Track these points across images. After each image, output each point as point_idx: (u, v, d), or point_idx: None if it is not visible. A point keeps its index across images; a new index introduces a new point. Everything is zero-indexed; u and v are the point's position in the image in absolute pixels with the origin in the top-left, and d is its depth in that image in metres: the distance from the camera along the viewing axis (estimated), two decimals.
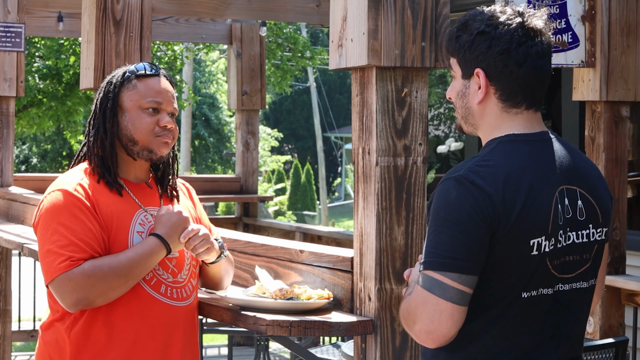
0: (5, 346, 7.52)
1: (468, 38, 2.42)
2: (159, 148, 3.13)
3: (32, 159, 29.75)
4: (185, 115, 23.98)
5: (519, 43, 2.39)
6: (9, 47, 7.36)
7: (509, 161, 2.36)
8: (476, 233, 2.28)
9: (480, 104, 2.44)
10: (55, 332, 3.04)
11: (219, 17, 9.58)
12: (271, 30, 13.60)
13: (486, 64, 2.40)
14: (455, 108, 2.52)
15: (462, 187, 2.30)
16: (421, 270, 2.32)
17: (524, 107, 2.43)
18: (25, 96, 14.14)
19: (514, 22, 2.40)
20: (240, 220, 10.10)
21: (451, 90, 2.52)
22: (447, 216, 2.30)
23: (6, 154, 7.55)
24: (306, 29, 28.36)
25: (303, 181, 33.73)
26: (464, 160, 2.40)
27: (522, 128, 2.43)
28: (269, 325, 3.07)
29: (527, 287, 2.35)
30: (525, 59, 2.39)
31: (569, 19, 5.19)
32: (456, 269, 2.27)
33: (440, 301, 2.27)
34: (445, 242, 2.29)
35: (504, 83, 2.41)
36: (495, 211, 2.29)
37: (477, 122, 2.47)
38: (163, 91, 3.15)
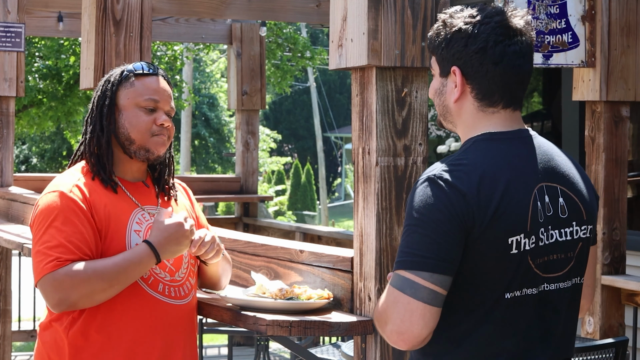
0: (5, 346, 7.52)
1: (446, 36, 2.41)
2: (155, 147, 3.12)
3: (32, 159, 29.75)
4: (185, 115, 23.97)
5: (496, 42, 2.36)
6: (9, 47, 7.36)
7: (483, 160, 2.34)
8: (449, 232, 2.26)
9: (456, 102, 2.43)
10: (54, 332, 3.04)
11: (219, 17, 9.58)
12: (271, 30, 13.60)
13: (462, 62, 2.38)
14: (435, 106, 2.50)
15: (434, 186, 2.29)
16: (394, 271, 2.30)
17: (500, 106, 2.41)
18: (25, 96, 14.14)
19: (492, 21, 2.38)
20: (240, 220, 10.10)
21: (430, 87, 2.52)
22: (420, 216, 2.28)
23: (6, 154, 7.55)
24: (306, 29, 28.35)
25: (303, 181, 33.73)
26: (442, 159, 2.39)
27: (498, 127, 2.41)
28: (269, 325, 3.07)
29: (511, 287, 2.32)
30: (501, 57, 2.36)
31: (569, 19, 5.19)
32: (428, 268, 2.25)
33: (412, 300, 2.24)
34: (418, 241, 2.27)
35: (479, 82, 2.39)
36: (470, 210, 2.27)
37: (455, 120, 2.46)
38: (160, 90, 3.16)
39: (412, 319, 2.25)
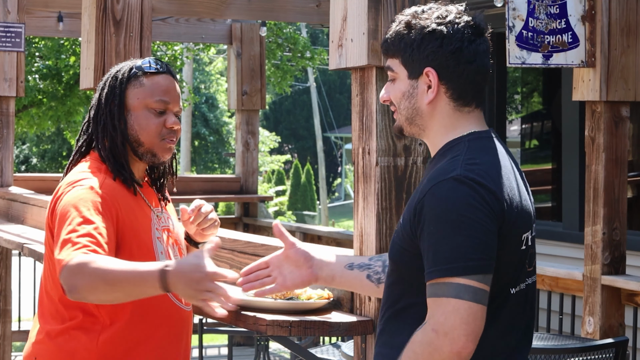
0: (5, 346, 7.52)
1: (416, 37, 2.38)
2: (162, 153, 3.01)
3: (32, 159, 29.75)
4: (185, 115, 23.99)
5: (470, 41, 2.38)
6: (9, 47, 7.36)
7: (490, 158, 2.35)
8: (490, 231, 2.25)
9: (430, 104, 2.40)
10: (73, 340, 2.89)
11: (219, 17, 9.59)
12: (271, 30, 13.60)
13: (437, 63, 2.37)
14: (396, 110, 2.46)
15: (465, 186, 2.26)
16: (436, 279, 2.25)
17: (474, 105, 2.42)
18: (25, 96, 14.14)
19: (462, 21, 2.39)
20: (240, 220, 10.10)
21: (391, 91, 2.46)
22: (459, 217, 2.24)
23: (6, 154, 7.56)
24: (306, 29, 28.36)
25: (303, 181, 33.73)
26: (447, 161, 2.35)
27: (477, 126, 2.42)
28: (269, 325, 3.07)
29: (515, 282, 2.35)
30: (475, 57, 2.38)
31: (569, 19, 5.19)
32: (480, 270, 2.23)
33: (472, 305, 2.22)
34: (463, 245, 2.23)
35: (455, 82, 2.38)
36: (502, 207, 2.27)
37: (426, 122, 2.43)
38: (171, 90, 3.03)
39: (477, 321, 2.22)
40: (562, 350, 4.17)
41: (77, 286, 2.72)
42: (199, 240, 3.20)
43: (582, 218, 6.60)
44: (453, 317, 2.22)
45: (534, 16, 5.12)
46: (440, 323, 2.23)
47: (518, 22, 5.10)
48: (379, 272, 2.70)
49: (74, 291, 2.73)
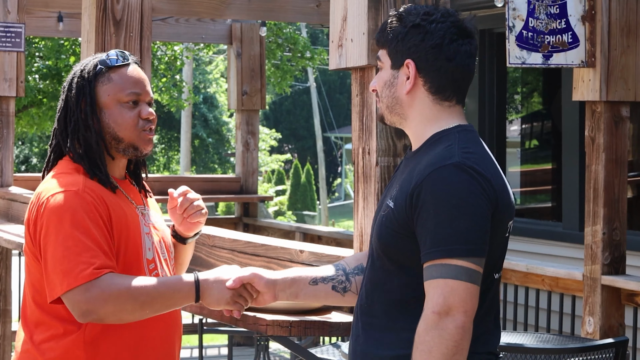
0: (5, 346, 7.52)
1: (402, 30, 2.50)
2: (144, 146, 2.94)
3: (32, 159, 29.75)
4: (185, 115, 23.98)
5: (451, 40, 2.48)
6: (9, 47, 7.36)
7: (481, 149, 2.46)
8: (487, 217, 2.36)
9: (408, 94, 2.51)
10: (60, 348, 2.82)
11: (219, 17, 9.59)
12: (271, 30, 13.60)
13: (417, 55, 2.49)
14: (379, 98, 2.57)
15: (464, 173, 2.36)
16: (435, 260, 2.35)
17: (454, 100, 2.52)
18: (25, 96, 14.14)
19: (448, 21, 2.50)
20: (240, 220, 10.10)
21: (377, 80, 2.58)
22: (460, 202, 2.34)
23: (6, 154, 7.56)
24: (306, 29, 28.36)
25: (303, 181, 33.73)
26: (442, 149, 2.44)
27: (460, 120, 2.52)
28: (269, 325, 3.07)
29: (499, 268, 2.48)
30: (455, 55, 2.48)
31: (569, 19, 5.19)
32: (478, 254, 2.34)
33: (469, 285, 2.33)
34: (464, 228, 2.33)
35: (432, 76, 2.49)
36: (495, 195, 2.39)
37: (406, 111, 2.53)
38: (139, 80, 2.96)
39: (473, 300, 2.34)
40: (562, 350, 4.17)
41: (95, 310, 2.68)
42: (185, 233, 3.09)
43: (582, 218, 6.60)
44: (452, 297, 2.32)
45: (534, 16, 5.12)
46: (440, 304, 2.33)
47: (518, 22, 5.10)
48: (343, 282, 2.77)
49: (90, 314, 2.69)
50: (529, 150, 9.24)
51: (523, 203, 8.96)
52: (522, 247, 7.97)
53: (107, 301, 2.67)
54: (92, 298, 2.66)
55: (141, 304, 2.71)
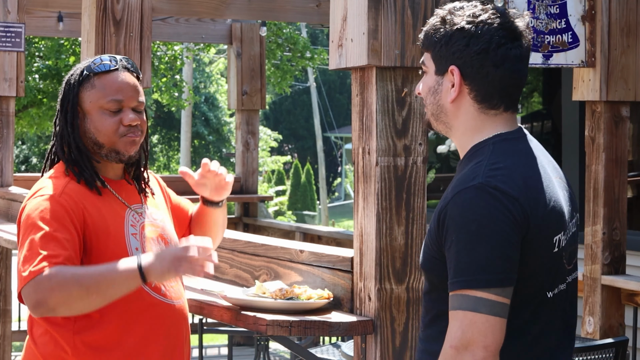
0: (5, 346, 7.52)
1: (446, 33, 2.34)
2: (125, 148, 2.98)
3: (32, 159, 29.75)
4: (185, 115, 23.97)
5: (499, 44, 2.31)
6: (9, 47, 7.36)
7: (515, 161, 2.30)
8: (511, 241, 2.20)
9: (453, 102, 2.36)
10: (51, 342, 2.92)
11: (219, 17, 9.59)
12: (271, 30, 13.60)
13: (462, 62, 2.32)
14: (424, 104, 2.44)
15: (487, 195, 2.22)
16: (456, 291, 2.22)
17: (502, 109, 2.36)
18: (25, 96, 14.15)
19: (495, 22, 2.32)
20: (240, 220, 10.10)
21: (422, 85, 2.44)
22: (479, 228, 2.20)
23: (6, 154, 7.56)
24: (306, 29, 28.36)
25: (303, 181, 33.74)
26: (470, 166, 2.31)
27: (504, 128, 2.36)
28: (269, 325, 3.07)
29: (552, 286, 2.30)
30: (503, 61, 2.31)
31: (569, 19, 5.19)
32: (500, 284, 2.19)
33: (490, 317, 2.19)
34: (483, 257, 2.19)
35: (478, 84, 2.33)
36: (525, 214, 2.22)
37: (451, 121, 2.39)
38: (123, 87, 2.97)
39: (495, 333, 2.20)
40: None
41: (45, 300, 2.76)
42: (216, 199, 3.24)
43: (582, 218, 6.60)
44: (470, 331, 2.20)
45: (534, 16, 5.12)
46: (458, 338, 2.21)
47: None
48: None
49: (41, 305, 2.77)
50: None
51: None
52: None
53: (54, 289, 2.74)
54: (39, 288, 2.75)
55: (87, 289, 2.76)
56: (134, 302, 2.95)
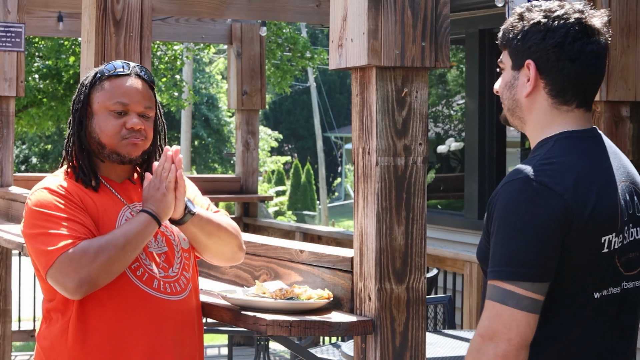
0: (5, 346, 7.52)
1: (522, 28, 2.36)
2: (126, 151, 3.08)
3: (32, 159, 29.75)
4: (185, 115, 23.98)
5: (575, 39, 2.32)
6: (9, 47, 7.35)
7: (572, 158, 2.30)
8: (549, 237, 2.21)
9: (528, 96, 2.38)
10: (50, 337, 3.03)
11: (219, 17, 9.58)
12: (271, 30, 13.60)
13: (538, 55, 2.34)
14: (501, 100, 2.45)
15: (530, 189, 2.23)
16: (490, 280, 2.24)
17: (574, 105, 2.37)
18: (25, 96, 14.15)
19: (572, 17, 2.33)
20: (240, 220, 10.10)
21: (499, 82, 2.46)
22: (517, 221, 2.22)
23: (6, 154, 7.55)
24: (306, 29, 28.36)
25: (303, 181, 33.74)
26: (524, 160, 2.33)
27: (574, 126, 2.37)
28: (269, 325, 3.07)
29: (599, 286, 2.29)
30: (579, 55, 2.32)
31: None
32: (529, 278, 2.20)
33: (516, 311, 2.21)
34: (517, 249, 2.21)
35: (554, 78, 2.34)
36: (568, 211, 2.22)
37: (525, 116, 2.40)
38: (131, 91, 3.09)
39: (520, 327, 2.21)
40: None
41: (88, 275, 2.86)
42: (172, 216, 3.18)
43: None
44: (496, 322, 2.22)
45: None
46: (486, 327, 2.24)
47: None
48: None
49: (85, 282, 2.87)
50: (529, 150, 9.24)
51: None
52: None
53: (95, 259, 2.87)
54: (78, 265, 2.86)
55: (122, 248, 2.91)
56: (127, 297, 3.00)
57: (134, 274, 3.02)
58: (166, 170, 3.03)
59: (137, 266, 3.03)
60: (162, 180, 3.02)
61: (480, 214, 8.62)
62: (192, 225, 3.13)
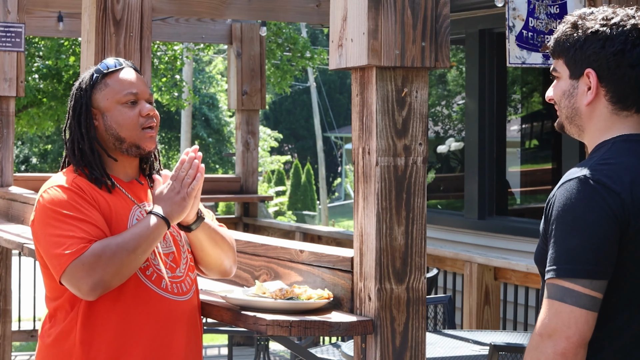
0: (5, 346, 7.52)
1: (580, 37, 2.38)
2: (145, 144, 3.13)
3: (32, 159, 29.75)
4: (185, 115, 23.97)
5: (634, 44, 2.35)
6: (9, 47, 7.35)
7: (629, 159, 2.32)
8: (607, 235, 2.23)
9: (589, 105, 2.40)
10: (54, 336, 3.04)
11: (219, 17, 9.58)
12: (271, 30, 13.60)
13: (598, 64, 2.36)
14: (558, 108, 2.47)
15: (588, 188, 2.25)
16: (549, 279, 2.26)
17: (634, 110, 2.39)
18: (25, 96, 14.15)
19: (628, 24, 2.36)
20: (240, 220, 10.10)
21: (554, 90, 2.47)
22: (575, 219, 2.24)
23: (6, 154, 7.55)
24: (306, 29, 28.36)
25: (303, 181, 33.74)
26: (581, 161, 2.35)
27: (632, 130, 2.40)
28: (269, 325, 3.07)
29: None
30: (638, 61, 2.35)
31: None
32: (588, 275, 2.22)
33: (575, 309, 2.23)
34: (575, 247, 2.23)
35: (615, 85, 2.37)
36: (626, 210, 2.25)
37: (585, 124, 2.43)
38: (135, 81, 3.15)
39: (578, 325, 2.23)
40: None
41: (102, 278, 2.88)
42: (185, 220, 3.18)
43: None
44: (555, 320, 2.24)
45: (534, 16, 5.12)
46: (545, 325, 2.26)
47: (518, 22, 5.10)
48: None
49: (99, 286, 2.88)
50: (529, 150, 9.24)
51: (523, 203, 8.96)
52: (522, 247, 7.97)
53: (108, 263, 2.89)
54: (91, 269, 2.87)
55: (134, 251, 2.92)
56: (136, 297, 3.00)
57: (143, 274, 3.04)
58: (190, 177, 3.06)
59: (146, 266, 3.05)
60: (185, 186, 3.04)
61: (480, 214, 8.62)
62: (202, 231, 3.18)
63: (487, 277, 6.70)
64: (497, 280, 6.70)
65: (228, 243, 3.29)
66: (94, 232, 2.94)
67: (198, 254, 3.25)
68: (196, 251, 3.24)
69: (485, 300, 6.69)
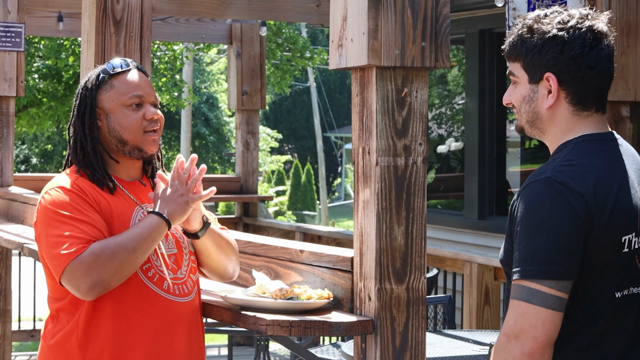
0: (5, 346, 7.52)
1: (537, 42, 2.40)
2: (148, 147, 3.13)
3: (32, 159, 29.75)
4: (185, 115, 23.97)
5: (591, 47, 2.37)
6: (9, 47, 7.35)
7: (592, 160, 2.35)
8: (572, 236, 2.26)
9: (550, 108, 2.42)
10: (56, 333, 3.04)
11: (219, 17, 9.58)
12: (271, 30, 13.60)
13: (557, 68, 2.38)
14: (517, 112, 2.49)
15: (552, 189, 2.28)
16: (515, 280, 2.28)
17: (593, 110, 2.42)
18: (25, 96, 14.15)
19: (584, 26, 2.38)
20: (240, 220, 10.10)
21: (513, 95, 2.49)
22: (540, 221, 2.26)
23: (6, 154, 7.55)
24: (306, 29, 28.36)
25: (303, 181, 33.74)
26: (544, 163, 2.38)
27: (593, 129, 2.42)
28: (269, 325, 3.07)
29: (620, 286, 2.33)
30: (596, 62, 2.38)
31: None
32: (554, 276, 2.24)
33: (541, 309, 2.25)
34: (541, 248, 2.25)
35: (575, 87, 2.39)
36: (589, 211, 2.27)
37: (546, 126, 2.45)
38: (142, 83, 3.14)
39: (545, 325, 2.25)
40: None
41: (100, 277, 2.88)
42: (188, 228, 3.18)
43: None
44: (521, 321, 2.26)
45: None
46: (511, 326, 2.28)
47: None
48: None
49: (97, 285, 2.88)
50: (529, 150, 9.24)
51: None
52: None
53: (107, 263, 2.88)
54: (90, 268, 2.87)
55: (133, 251, 2.92)
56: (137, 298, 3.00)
57: (145, 275, 3.03)
58: (193, 181, 3.08)
59: (148, 267, 3.04)
60: (190, 190, 3.05)
61: (480, 213, 8.62)
62: (208, 237, 3.19)
63: (487, 277, 6.70)
64: (497, 280, 6.70)
65: (232, 247, 3.30)
66: (94, 233, 2.94)
67: (203, 260, 3.25)
68: (201, 257, 3.25)
69: (485, 300, 6.69)
